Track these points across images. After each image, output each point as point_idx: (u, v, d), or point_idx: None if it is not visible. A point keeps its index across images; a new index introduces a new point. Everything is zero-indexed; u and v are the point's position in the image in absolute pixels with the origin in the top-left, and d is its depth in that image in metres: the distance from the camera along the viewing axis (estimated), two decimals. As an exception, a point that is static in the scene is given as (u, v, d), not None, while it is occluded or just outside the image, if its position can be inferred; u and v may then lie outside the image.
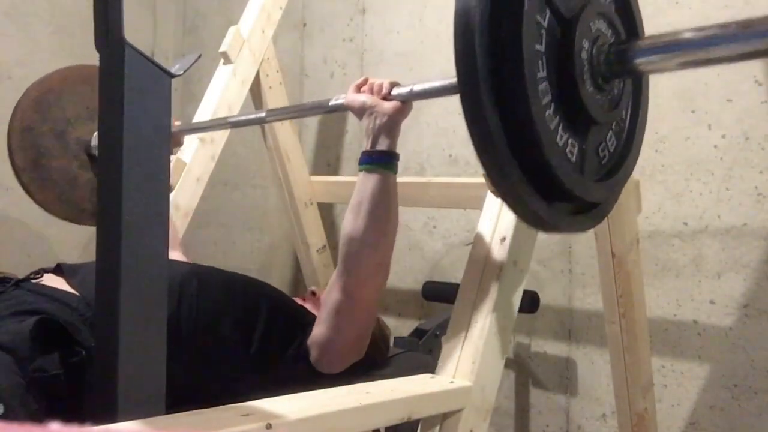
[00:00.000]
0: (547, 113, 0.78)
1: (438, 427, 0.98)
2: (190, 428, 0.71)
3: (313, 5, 2.43)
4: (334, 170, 2.36)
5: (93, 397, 0.83)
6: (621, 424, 1.59)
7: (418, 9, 2.14)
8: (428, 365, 1.18)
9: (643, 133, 0.99)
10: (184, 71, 0.93)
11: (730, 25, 0.73)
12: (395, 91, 1.13)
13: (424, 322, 1.82)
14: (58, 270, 1.16)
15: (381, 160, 1.11)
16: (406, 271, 2.15)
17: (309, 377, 1.15)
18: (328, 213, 2.33)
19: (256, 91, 1.94)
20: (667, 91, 1.66)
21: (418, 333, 1.72)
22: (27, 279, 1.12)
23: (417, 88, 1.10)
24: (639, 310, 1.51)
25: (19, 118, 1.65)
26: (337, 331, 1.14)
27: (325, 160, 2.40)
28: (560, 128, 0.81)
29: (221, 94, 1.78)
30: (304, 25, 2.46)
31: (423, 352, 1.63)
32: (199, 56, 1.07)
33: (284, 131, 2.03)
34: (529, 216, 0.83)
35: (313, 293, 1.43)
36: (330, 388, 0.89)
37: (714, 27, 0.75)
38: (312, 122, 2.44)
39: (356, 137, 2.31)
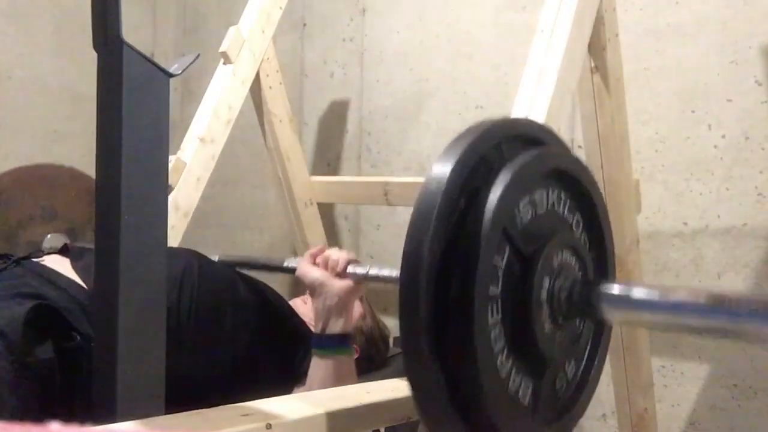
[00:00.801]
0: (499, 360, 0.71)
1: (438, 427, 0.97)
2: (190, 428, 0.71)
3: (313, 5, 2.43)
4: (334, 170, 2.36)
5: (92, 396, 0.82)
6: (621, 424, 1.59)
7: (418, 9, 2.14)
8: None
9: (599, 376, 0.91)
10: (183, 71, 0.93)
11: (700, 295, 0.69)
12: (350, 269, 1.10)
13: (424, 323, 1.81)
14: (65, 251, 1.15)
15: (332, 345, 1.08)
16: (406, 271, 2.15)
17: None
18: (328, 213, 2.33)
19: (256, 91, 1.94)
20: (667, 91, 1.66)
21: (418, 333, 1.71)
22: (28, 257, 1.11)
23: (373, 271, 1.07)
24: (639, 310, 1.51)
25: None
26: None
27: (325, 160, 2.40)
28: (513, 372, 0.73)
29: (221, 94, 1.78)
30: (304, 25, 2.46)
31: (423, 353, 1.62)
32: (198, 56, 1.06)
33: (284, 131, 2.03)
34: None
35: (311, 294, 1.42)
36: (330, 388, 0.89)
37: (684, 292, 0.71)
38: (312, 122, 2.44)
39: (356, 137, 2.32)
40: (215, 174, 1.79)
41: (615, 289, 0.76)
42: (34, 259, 1.11)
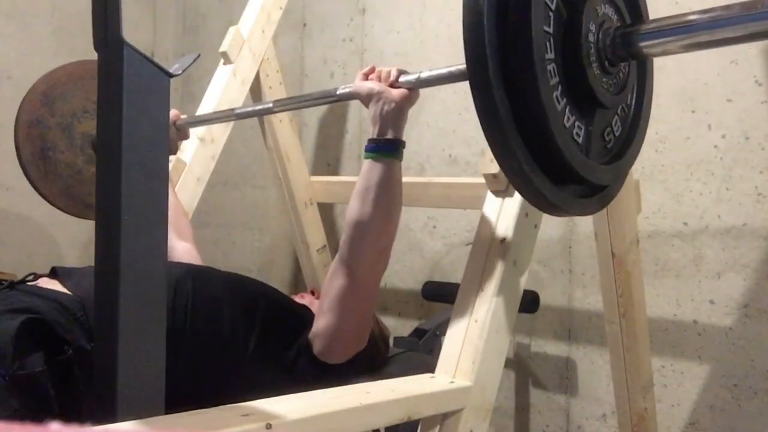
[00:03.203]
0: (554, 94, 0.79)
1: (438, 427, 0.98)
2: (190, 428, 0.71)
3: (313, 5, 2.43)
4: (334, 170, 2.36)
5: (92, 396, 0.82)
6: (621, 424, 1.59)
7: (418, 9, 2.14)
8: (428, 365, 1.18)
9: (648, 117, 0.99)
10: (183, 71, 0.93)
11: (733, 6, 0.74)
12: (402, 78, 1.13)
13: (424, 322, 1.82)
14: (53, 274, 1.16)
15: (388, 149, 1.11)
16: (406, 271, 2.15)
17: (309, 376, 1.15)
18: (328, 213, 2.33)
19: (256, 91, 1.94)
20: (667, 91, 1.66)
21: (418, 333, 1.72)
22: (22, 281, 1.12)
23: (424, 75, 1.10)
24: (639, 310, 1.51)
25: (26, 112, 1.65)
26: (341, 318, 1.15)
27: (325, 160, 2.40)
28: (567, 110, 0.81)
29: (221, 94, 1.78)
30: (304, 25, 2.46)
31: (423, 352, 1.63)
32: (198, 56, 1.07)
33: (284, 131, 2.03)
34: (535, 196, 0.83)
35: (312, 293, 1.43)
36: (330, 388, 0.89)
37: (717, 9, 0.75)
38: (312, 122, 2.44)
39: (356, 137, 2.32)
40: (215, 174, 1.79)
41: (652, 25, 0.84)
42: (29, 283, 1.12)
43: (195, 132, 1.71)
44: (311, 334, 1.17)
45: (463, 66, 0.95)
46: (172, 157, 1.65)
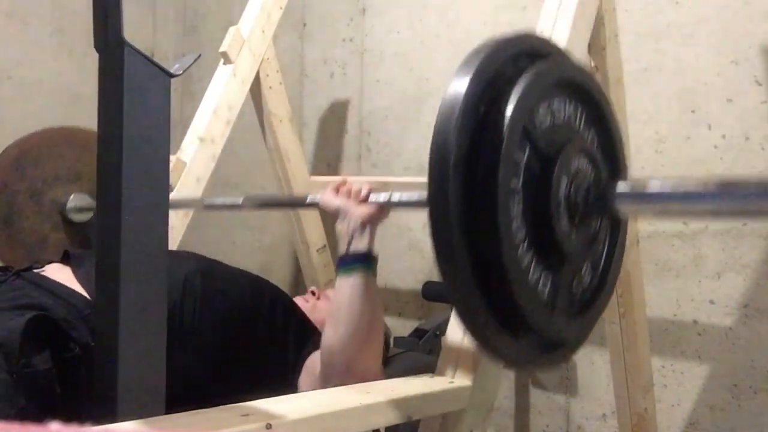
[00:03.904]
0: (519, 251, 0.76)
1: (438, 427, 0.98)
2: (190, 428, 0.71)
3: (313, 5, 2.43)
4: (334, 170, 2.36)
5: (93, 396, 0.82)
6: (621, 424, 1.59)
7: (418, 9, 2.14)
8: (428, 365, 1.18)
9: (619, 267, 0.95)
10: (184, 71, 0.93)
11: (710, 181, 0.72)
12: (372, 197, 1.12)
13: (424, 322, 1.82)
14: (66, 258, 1.15)
15: (357, 262, 1.09)
16: (406, 271, 2.15)
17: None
18: (328, 213, 2.32)
19: (256, 91, 1.94)
20: (667, 91, 1.66)
21: (418, 333, 1.72)
22: (29, 269, 1.11)
23: (395, 197, 1.09)
24: (639, 310, 1.51)
25: None
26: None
27: (325, 160, 2.40)
28: (533, 264, 0.78)
29: (221, 94, 1.78)
30: (304, 25, 2.46)
31: (423, 352, 1.63)
32: (199, 56, 1.06)
33: (284, 131, 2.03)
34: (493, 353, 0.80)
35: (313, 293, 1.42)
36: (329, 388, 0.89)
37: (694, 182, 0.74)
38: (312, 122, 2.44)
39: (356, 137, 2.32)
40: (215, 174, 1.79)
41: (628, 185, 0.82)
42: (35, 270, 1.11)
43: (195, 132, 1.71)
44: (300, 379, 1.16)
45: None
46: (172, 157, 1.65)
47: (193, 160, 1.71)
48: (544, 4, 1.26)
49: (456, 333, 1.04)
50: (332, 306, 1.11)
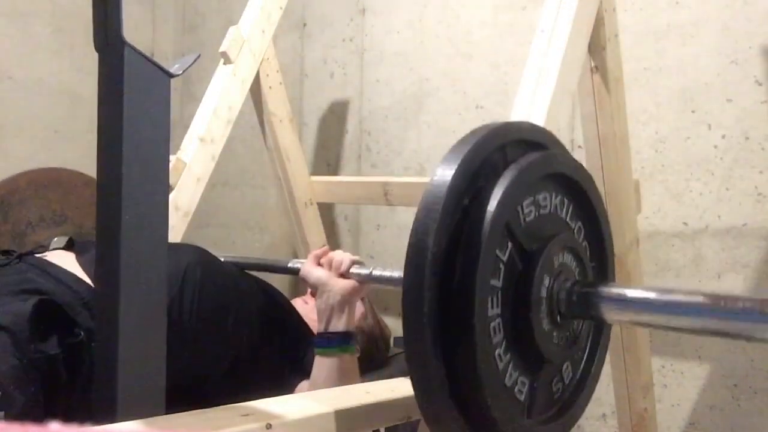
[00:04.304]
0: (497, 352, 0.72)
1: (438, 427, 0.98)
2: (190, 428, 0.71)
3: (313, 5, 2.43)
4: (334, 170, 2.36)
5: (93, 396, 0.82)
6: (621, 424, 1.59)
7: (418, 9, 2.14)
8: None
9: (598, 377, 0.91)
10: (184, 71, 0.93)
11: (697, 295, 0.70)
12: (354, 270, 1.11)
13: (424, 322, 1.81)
14: (70, 245, 1.15)
15: (335, 343, 1.09)
16: (406, 271, 2.15)
17: (306, 377, 1.15)
18: (328, 213, 2.33)
19: (256, 91, 1.94)
20: (667, 91, 1.66)
21: (418, 333, 1.71)
22: (31, 253, 1.11)
23: (376, 272, 1.08)
24: (639, 310, 1.51)
25: None
26: None
27: (325, 160, 2.40)
28: (510, 366, 0.74)
29: (221, 94, 1.78)
30: (304, 25, 2.46)
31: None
32: (198, 56, 1.06)
33: (284, 131, 2.03)
34: None
35: (312, 294, 1.42)
36: (330, 388, 0.89)
37: (681, 294, 0.72)
38: (312, 122, 2.44)
39: (356, 137, 2.32)
40: (215, 174, 1.79)
41: (614, 290, 0.78)
42: (38, 255, 1.11)
43: (195, 132, 1.71)
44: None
45: None
46: (172, 157, 1.65)
47: (193, 160, 1.71)
48: (544, 4, 1.26)
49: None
50: (312, 378, 1.10)
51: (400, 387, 0.94)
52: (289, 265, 1.24)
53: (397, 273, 1.04)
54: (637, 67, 1.68)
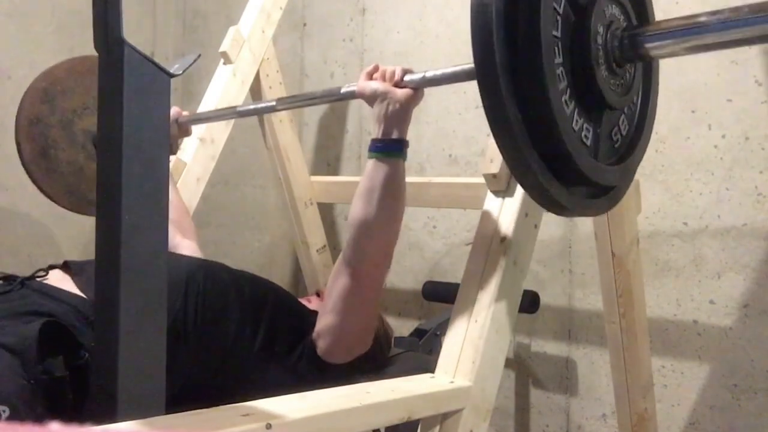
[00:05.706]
0: (563, 98, 0.79)
1: (438, 427, 0.98)
2: (190, 428, 0.71)
3: (313, 5, 2.43)
4: (334, 170, 2.36)
5: (93, 396, 0.83)
6: (621, 424, 1.59)
7: (418, 9, 2.14)
8: (428, 365, 1.18)
9: (654, 117, 1.00)
10: (184, 71, 0.93)
11: (741, 8, 0.74)
12: (407, 78, 1.12)
13: (424, 322, 1.82)
14: (66, 267, 1.16)
15: (393, 148, 1.11)
16: (406, 271, 2.15)
17: (311, 376, 1.15)
18: (328, 213, 2.33)
19: (256, 91, 1.94)
20: (667, 91, 1.66)
21: (418, 333, 1.72)
22: (32, 277, 1.12)
23: (430, 74, 1.10)
24: (639, 310, 1.51)
25: (26, 110, 1.64)
26: (345, 318, 1.15)
27: (325, 160, 2.40)
28: (576, 113, 0.82)
29: (221, 94, 1.79)
30: (304, 25, 2.46)
31: (423, 352, 1.63)
32: (199, 56, 1.07)
33: (284, 131, 2.03)
34: (547, 201, 0.84)
35: (318, 294, 1.43)
36: (330, 388, 0.89)
37: (725, 11, 0.75)
38: (312, 122, 2.44)
39: (356, 137, 2.32)
40: (215, 174, 1.79)
41: (658, 27, 0.85)
42: (38, 279, 1.11)
43: (195, 132, 1.71)
44: (315, 334, 1.18)
45: (468, 66, 0.95)
46: (172, 157, 1.65)
47: (193, 160, 1.71)
48: (544, 3, 1.26)
49: (456, 333, 1.04)
50: (364, 184, 1.12)
51: (400, 387, 0.94)
52: (342, 90, 1.24)
53: (450, 69, 1.05)
54: (637, 67, 1.68)
